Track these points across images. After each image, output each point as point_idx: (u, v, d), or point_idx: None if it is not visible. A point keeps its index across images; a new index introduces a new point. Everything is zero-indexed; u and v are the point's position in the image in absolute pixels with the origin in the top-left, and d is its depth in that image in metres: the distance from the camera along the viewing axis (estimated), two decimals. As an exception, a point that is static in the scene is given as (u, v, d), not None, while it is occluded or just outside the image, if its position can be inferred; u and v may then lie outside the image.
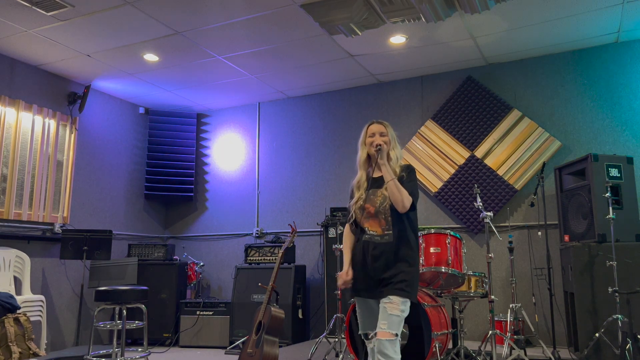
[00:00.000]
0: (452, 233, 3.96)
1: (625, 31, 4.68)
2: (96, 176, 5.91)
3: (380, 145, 2.61)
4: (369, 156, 2.74)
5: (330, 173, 5.96)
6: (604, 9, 4.26)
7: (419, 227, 5.27)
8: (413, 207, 2.59)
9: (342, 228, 4.67)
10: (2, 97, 4.94)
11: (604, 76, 4.92)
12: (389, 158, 2.67)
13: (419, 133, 5.55)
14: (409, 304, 2.53)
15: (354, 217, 2.71)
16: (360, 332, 2.69)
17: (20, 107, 5.08)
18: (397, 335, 2.43)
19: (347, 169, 5.85)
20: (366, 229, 2.63)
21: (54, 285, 5.30)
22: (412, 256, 2.58)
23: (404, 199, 2.53)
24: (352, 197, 2.77)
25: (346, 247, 2.76)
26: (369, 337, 2.62)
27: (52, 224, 5.31)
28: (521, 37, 4.76)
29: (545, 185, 4.63)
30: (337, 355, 4.11)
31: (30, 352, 4.28)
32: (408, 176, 2.62)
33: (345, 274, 2.66)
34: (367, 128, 2.74)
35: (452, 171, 5.33)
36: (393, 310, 2.44)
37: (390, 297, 2.47)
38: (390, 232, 2.58)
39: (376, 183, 2.67)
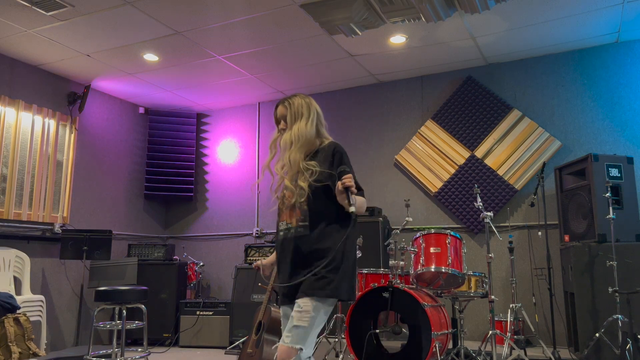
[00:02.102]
0: (452, 233, 3.96)
1: (625, 31, 4.68)
2: (96, 176, 5.91)
3: (348, 187, 2.08)
4: None
5: (330, 173, 5.95)
6: (604, 9, 4.26)
7: (419, 227, 5.33)
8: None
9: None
10: (2, 97, 4.94)
11: (604, 76, 4.92)
12: (283, 141, 2.28)
13: (419, 133, 5.55)
14: (327, 305, 2.09)
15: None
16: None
17: (20, 107, 5.08)
18: (301, 349, 2.02)
19: (347, 169, 5.84)
20: (284, 222, 2.25)
21: (54, 285, 5.30)
22: (334, 249, 2.13)
23: (361, 211, 2.21)
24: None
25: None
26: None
27: (52, 224, 5.31)
28: (521, 37, 4.76)
29: (545, 185, 4.64)
30: (337, 355, 4.11)
31: (30, 352, 4.28)
32: (341, 163, 2.18)
33: (259, 264, 2.42)
34: (275, 110, 2.40)
35: (452, 171, 5.33)
36: (300, 321, 2.04)
37: (299, 301, 2.07)
38: (306, 223, 2.17)
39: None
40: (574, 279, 3.97)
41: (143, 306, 4.32)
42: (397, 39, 4.78)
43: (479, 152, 5.26)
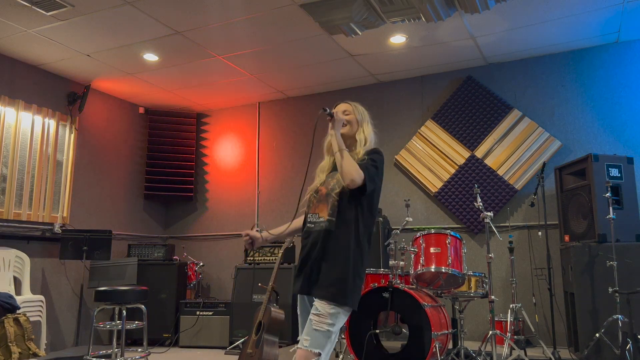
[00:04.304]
0: (452, 233, 3.96)
1: (625, 31, 4.68)
2: (96, 176, 5.90)
3: (332, 113, 2.29)
4: None
5: (330, 173, 5.95)
6: (604, 9, 4.26)
7: (419, 227, 5.32)
8: (365, 189, 2.20)
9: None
10: (2, 97, 4.94)
11: (604, 76, 4.92)
12: (352, 140, 2.37)
13: (419, 133, 5.55)
14: (342, 314, 2.13)
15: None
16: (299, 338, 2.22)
17: (20, 107, 5.08)
18: (320, 354, 2.07)
19: (347, 169, 5.84)
20: (315, 214, 2.31)
21: (54, 285, 5.30)
22: (351, 252, 2.17)
23: (352, 171, 2.14)
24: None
25: (284, 225, 2.54)
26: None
27: (52, 224, 5.30)
28: (521, 37, 4.76)
29: (545, 185, 4.63)
30: (337, 356, 4.11)
31: (30, 352, 4.28)
32: (369, 157, 2.28)
33: (251, 231, 2.46)
34: (334, 106, 2.47)
35: (452, 171, 5.33)
36: (319, 325, 2.08)
37: (318, 302, 2.12)
38: (333, 218, 2.21)
39: (335, 168, 2.37)
40: (574, 279, 3.96)
41: (143, 306, 4.32)
42: (397, 39, 4.78)
43: (479, 152, 5.26)
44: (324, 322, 2.08)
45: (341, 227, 2.20)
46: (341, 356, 4.04)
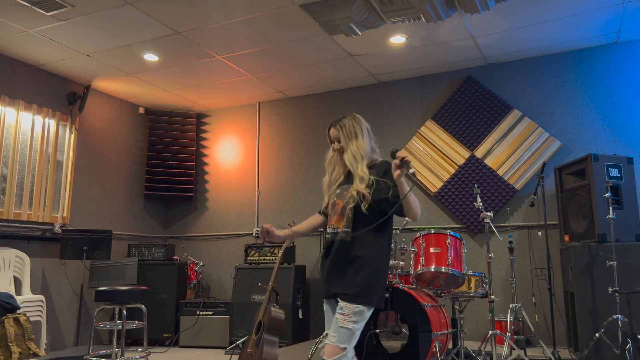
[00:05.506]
0: (452, 233, 3.96)
1: (625, 31, 4.68)
2: (96, 176, 5.91)
3: (407, 160, 2.39)
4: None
5: (330, 173, 5.95)
6: (604, 9, 4.27)
7: (419, 227, 5.32)
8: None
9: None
10: (2, 97, 4.94)
11: (604, 76, 4.92)
12: (343, 161, 2.51)
13: (419, 133, 5.55)
14: (365, 312, 2.32)
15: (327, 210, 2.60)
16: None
17: (20, 107, 5.08)
18: (345, 349, 2.26)
19: (347, 169, 5.84)
20: (331, 226, 2.48)
21: (54, 285, 5.30)
22: (371, 259, 2.36)
23: (418, 211, 2.41)
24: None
25: (303, 222, 2.72)
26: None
27: (52, 224, 5.31)
28: (521, 37, 4.76)
29: (545, 185, 4.64)
30: (337, 355, 4.10)
31: (30, 352, 4.28)
32: (391, 179, 2.41)
33: (270, 226, 2.59)
34: (328, 132, 2.60)
35: (452, 171, 5.33)
36: (344, 323, 2.28)
37: (343, 304, 2.31)
38: (349, 230, 2.40)
39: (348, 180, 2.52)
40: (574, 279, 3.96)
41: (143, 306, 4.32)
42: (397, 39, 4.78)
43: (479, 152, 5.26)
44: (348, 320, 2.28)
45: (359, 236, 2.39)
46: (341, 356, 4.04)
